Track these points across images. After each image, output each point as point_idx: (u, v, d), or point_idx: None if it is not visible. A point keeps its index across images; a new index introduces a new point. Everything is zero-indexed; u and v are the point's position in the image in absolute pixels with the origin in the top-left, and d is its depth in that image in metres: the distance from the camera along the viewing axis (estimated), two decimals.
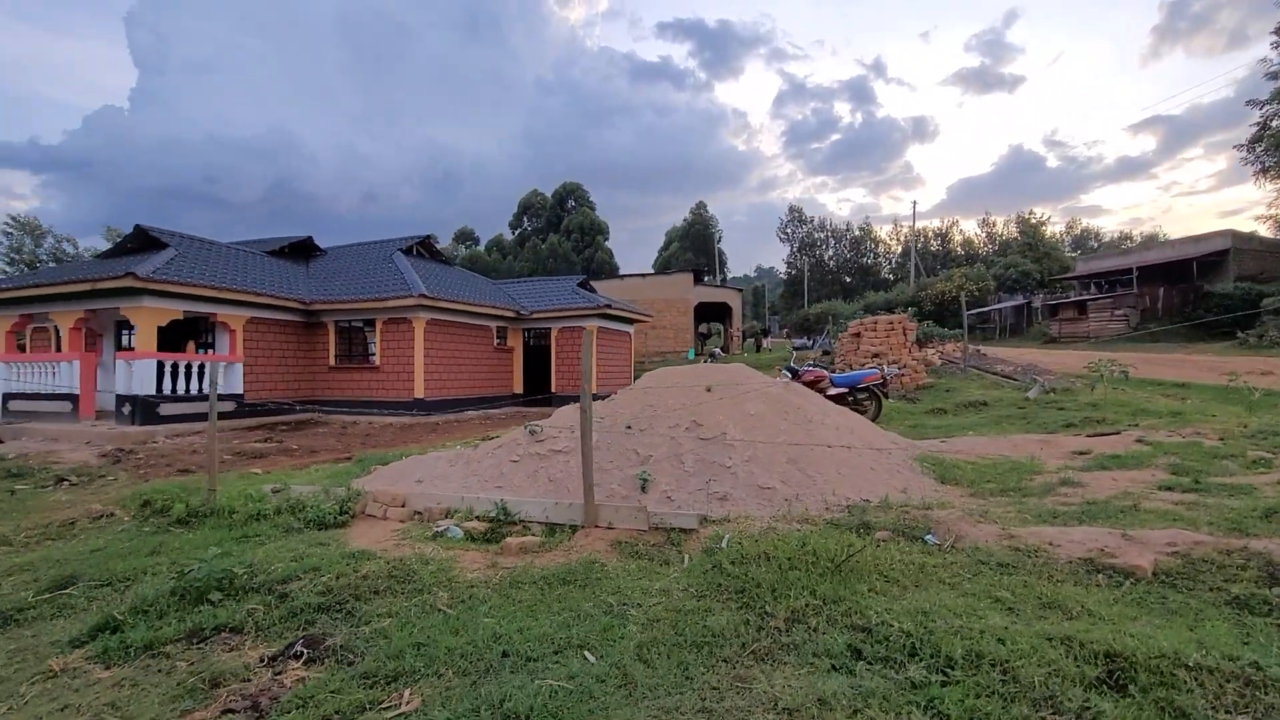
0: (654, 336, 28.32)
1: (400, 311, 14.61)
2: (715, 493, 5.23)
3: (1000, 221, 74.27)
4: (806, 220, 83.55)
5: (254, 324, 14.28)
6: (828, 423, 6.44)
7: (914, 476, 6.02)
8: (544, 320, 17.97)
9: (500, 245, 75.96)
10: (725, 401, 6.36)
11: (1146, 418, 8.42)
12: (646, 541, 4.57)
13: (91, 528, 5.92)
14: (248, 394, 14.15)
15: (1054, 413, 9.27)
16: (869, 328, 13.20)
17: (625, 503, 5.33)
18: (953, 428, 9.11)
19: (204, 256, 14.23)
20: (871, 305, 50.70)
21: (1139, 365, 16.78)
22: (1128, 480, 5.60)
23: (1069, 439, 7.32)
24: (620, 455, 5.87)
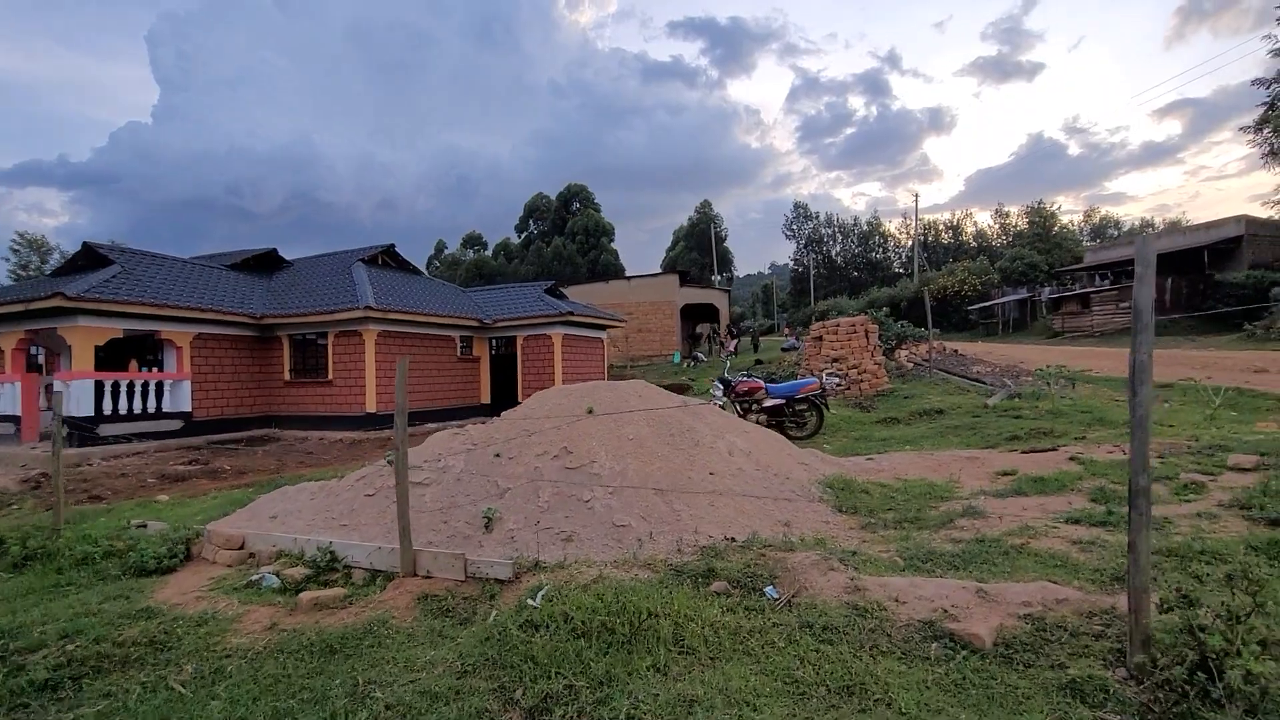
0: (639, 340, 27.79)
1: (350, 324, 14.26)
2: (561, 532, 4.70)
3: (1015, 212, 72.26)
4: (812, 216, 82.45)
5: (202, 340, 14.01)
6: (719, 446, 5.88)
7: (806, 506, 5.44)
8: (508, 329, 17.53)
9: (507, 249, 75.98)
10: (605, 425, 5.83)
11: (1101, 428, 7.74)
12: (461, 594, 4.07)
13: None
14: (196, 411, 13.88)
15: (1008, 422, 8.59)
16: (830, 330, 12.55)
17: (466, 543, 4.84)
18: (894, 441, 8.48)
19: (151, 273, 13.99)
20: (876, 301, 49.59)
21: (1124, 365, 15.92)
22: (1037, 509, 4.98)
23: (1002, 456, 6.67)
24: (479, 487, 5.37)
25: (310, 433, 14.50)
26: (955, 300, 37.85)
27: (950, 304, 38.04)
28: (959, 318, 37.61)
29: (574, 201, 74.64)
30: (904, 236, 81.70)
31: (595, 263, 68.19)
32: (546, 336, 17.23)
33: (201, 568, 5.05)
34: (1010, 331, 33.36)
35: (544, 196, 76.97)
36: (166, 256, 15.45)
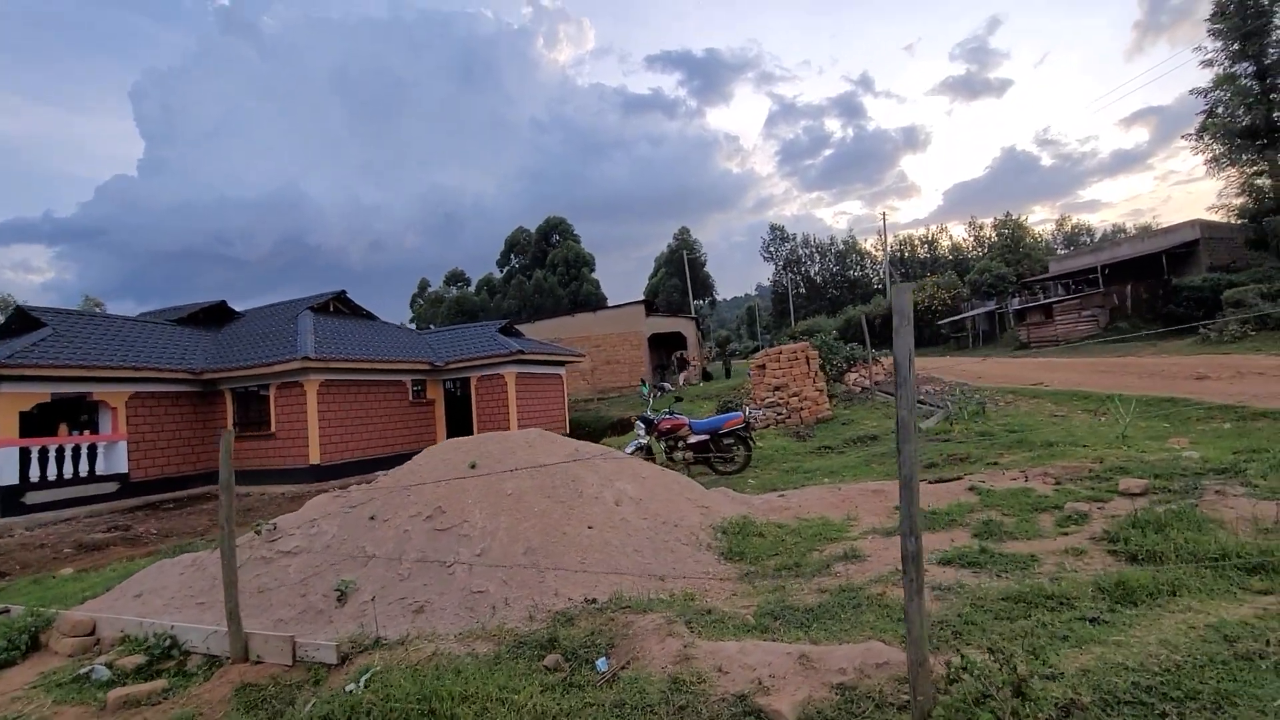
0: (608, 372, 27.63)
1: (291, 375, 14.02)
2: (414, 603, 4.47)
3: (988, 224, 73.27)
4: (790, 238, 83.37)
5: (139, 399, 13.71)
6: (605, 496, 5.68)
7: (691, 555, 5.24)
8: (461, 370, 17.34)
9: (490, 284, 76.11)
10: (486, 481, 5.63)
11: (1020, 450, 7.60)
12: (285, 681, 3.82)
13: None
14: (134, 472, 13.51)
15: (932, 447, 8.45)
16: (773, 358, 12.45)
17: (318, 619, 4.59)
18: (819, 472, 8.31)
19: (85, 333, 13.75)
20: (852, 319, 49.89)
21: (1083, 373, 15.90)
22: None
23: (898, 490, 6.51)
24: (344, 554, 5.14)
25: (253, 488, 14.15)
26: (926, 315, 38.06)
27: (921, 319, 38.21)
28: (931, 332, 37.79)
29: (554, 234, 75.04)
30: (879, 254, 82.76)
31: (577, 293, 68.34)
32: (500, 376, 17.04)
33: (42, 659, 4.76)
34: (980, 345, 33.49)
35: (524, 230, 77.38)
36: (104, 315, 15.27)
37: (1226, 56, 21.13)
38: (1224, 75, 21.40)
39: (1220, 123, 21.23)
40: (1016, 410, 11.44)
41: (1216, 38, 21.06)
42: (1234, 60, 21.04)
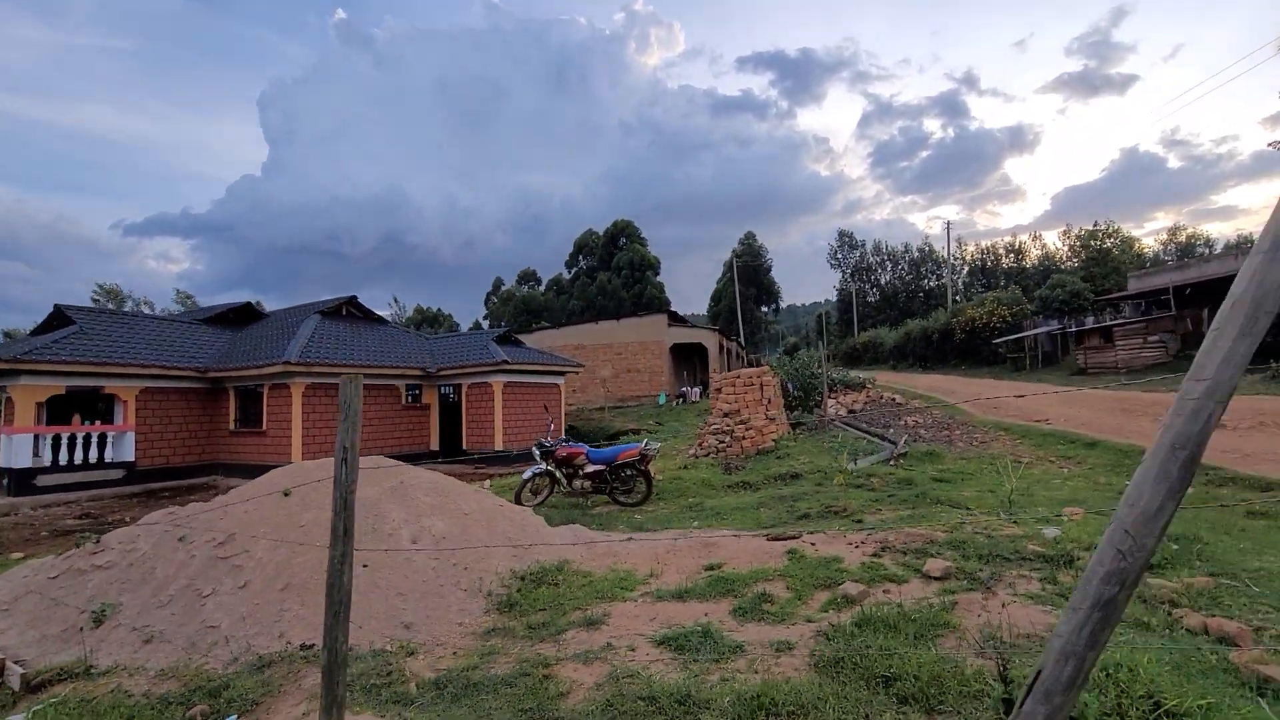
0: (628, 380, 27.56)
1: (279, 377, 14.84)
2: (150, 632, 4.59)
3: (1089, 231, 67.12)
4: (858, 245, 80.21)
5: (149, 393, 14.93)
6: (403, 533, 5.64)
7: (461, 603, 5.11)
8: (453, 377, 17.78)
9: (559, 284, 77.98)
10: (290, 508, 5.72)
11: (904, 507, 6.95)
12: None
13: None
14: (141, 461, 14.72)
15: (827, 493, 7.86)
16: (729, 383, 11.97)
17: (74, 639, 4.81)
18: (711, 512, 7.92)
19: (107, 331, 15.10)
20: (911, 333, 47.37)
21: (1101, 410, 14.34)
22: (664, 620, 4.47)
23: (748, 541, 6.08)
24: (138, 575, 5.35)
25: (245, 481, 15.06)
26: (983, 333, 35.55)
27: (979, 336, 35.75)
28: (988, 352, 35.23)
29: (621, 237, 75.81)
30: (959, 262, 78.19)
31: (640, 296, 68.78)
32: (487, 385, 17.35)
33: None
34: (1039, 367, 30.86)
35: (593, 233, 78.67)
36: (129, 314, 16.70)
37: None
38: None
39: None
40: (981, 452, 10.50)
41: None
42: None
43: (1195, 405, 1.03)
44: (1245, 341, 1.02)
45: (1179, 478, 1.05)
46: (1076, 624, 1.10)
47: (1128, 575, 1.06)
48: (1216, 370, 1.04)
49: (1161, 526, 1.06)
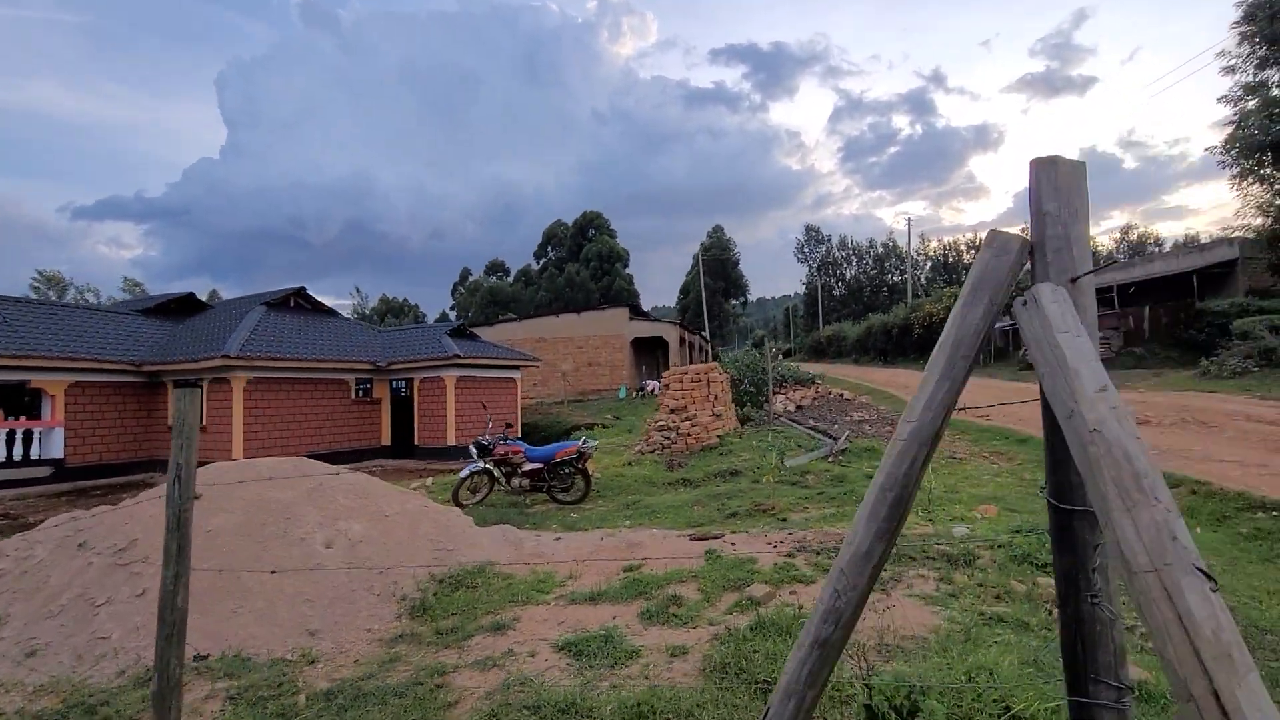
0: (589, 374, 27.48)
1: (220, 371, 14.39)
2: (34, 644, 4.40)
3: None
4: (824, 239, 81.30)
5: (79, 388, 14.33)
6: (317, 537, 5.51)
7: (372, 608, 5.02)
8: (404, 371, 17.48)
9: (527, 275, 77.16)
10: (200, 511, 5.53)
11: (830, 505, 7.06)
12: None
13: None
14: (70, 458, 14.15)
15: (759, 491, 7.95)
16: (677, 379, 12.01)
17: None
18: (646, 509, 7.95)
19: (30, 322, 14.43)
20: (872, 327, 48.23)
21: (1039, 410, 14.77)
22: (574, 623, 4.46)
23: (671, 542, 6.12)
24: (33, 583, 5.13)
25: None
26: (940, 328, 36.30)
27: (936, 331, 36.55)
28: None
29: (590, 228, 75.38)
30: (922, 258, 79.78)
31: (609, 288, 68.52)
32: (440, 379, 17.10)
33: None
34: (991, 361, 31.73)
35: (562, 224, 78.04)
36: (54, 304, 16.01)
37: (1252, 61, 19.19)
38: (1254, 83, 19.46)
39: (1246, 134, 19.31)
40: None
41: (1243, 41, 19.15)
42: (1260, 66, 19.08)
43: (903, 447, 1.04)
44: (945, 385, 1.03)
45: (887, 518, 1.05)
46: (799, 662, 1.11)
47: (843, 614, 1.06)
48: (920, 413, 1.05)
49: (873, 567, 1.07)
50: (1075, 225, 1.08)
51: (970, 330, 1.04)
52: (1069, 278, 1.08)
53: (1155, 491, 0.78)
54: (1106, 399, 0.90)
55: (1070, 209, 1.08)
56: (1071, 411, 0.92)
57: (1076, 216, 1.09)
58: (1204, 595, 0.68)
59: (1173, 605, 0.69)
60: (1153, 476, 0.80)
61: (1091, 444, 0.86)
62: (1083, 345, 0.94)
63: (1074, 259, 1.09)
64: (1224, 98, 20.56)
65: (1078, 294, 1.09)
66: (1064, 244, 1.09)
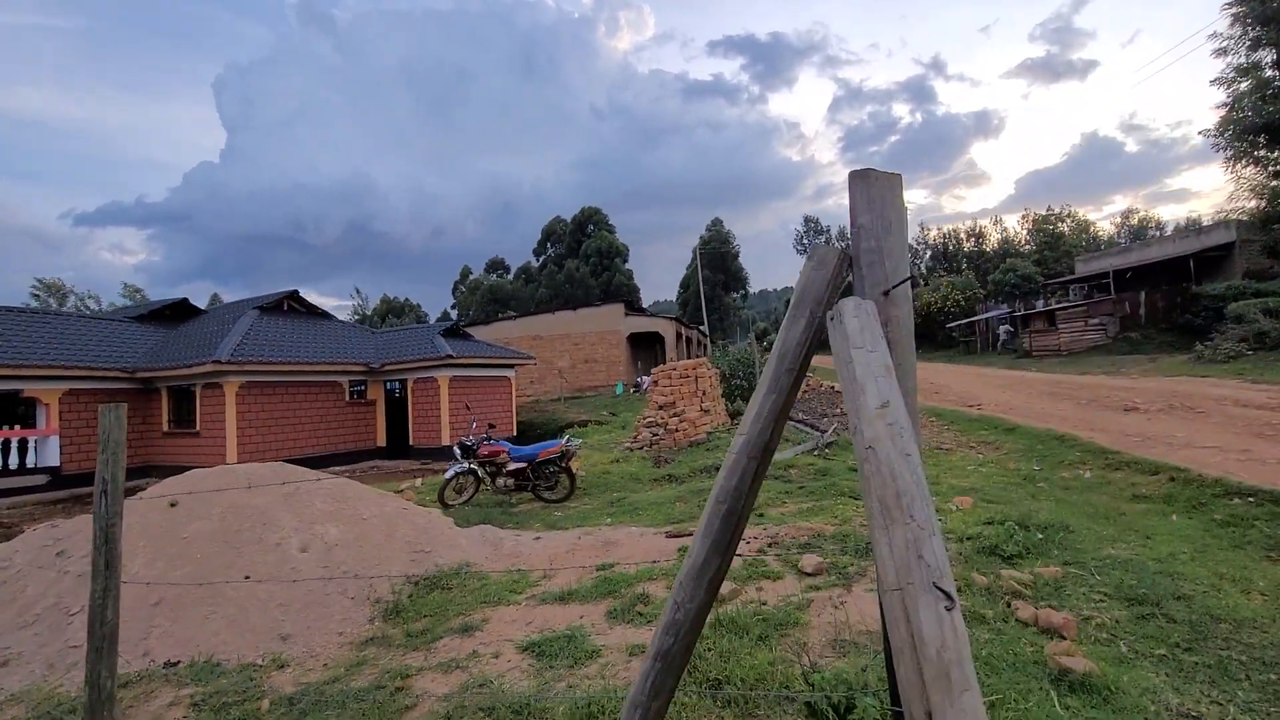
0: (586, 370, 27.50)
1: (211, 376, 14.46)
2: (5, 654, 4.46)
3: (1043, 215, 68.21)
4: (823, 230, 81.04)
5: (73, 395, 14.41)
6: (293, 541, 5.55)
7: (346, 612, 5.05)
8: (398, 372, 17.53)
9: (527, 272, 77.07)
10: (171, 520, 5.58)
11: (808, 499, 7.07)
12: None
13: None
14: (66, 465, 14.24)
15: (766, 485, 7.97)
16: (665, 374, 12.02)
17: None
18: (629, 506, 7.98)
19: (26, 331, 14.51)
20: None
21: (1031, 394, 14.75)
22: (540, 623, 4.49)
23: (647, 540, 6.14)
24: (9, 592, 5.19)
25: None
26: (939, 317, 36.26)
27: (934, 320, 36.45)
28: (943, 336, 35.99)
29: (589, 224, 75.22)
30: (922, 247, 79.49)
31: (608, 284, 68.45)
32: (433, 380, 17.15)
33: None
34: (991, 350, 31.66)
35: (561, 220, 77.90)
36: (46, 312, 16.10)
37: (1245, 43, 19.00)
38: (1247, 65, 19.29)
39: (1240, 117, 19.15)
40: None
41: (1235, 23, 18.96)
42: (1253, 48, 18.90)
43: (733, 460, 1.05)
44: (772, 397, 1.03)
45: (721, 530, 1.06)
46: (643, 674, 1.12)
47: (682, 627, 1.07)
48: (749, 425, 1.06)
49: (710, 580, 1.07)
50: (888, 238, 1.09)
51: (793, 344, 1.04)
52: (881, 290, 1.08)
53: (912, 510, 0.78)
54: (885, 416, 0.90)
55: (884, 221, 1.08)
56: (856, 427, 0.93)
57: (890, 229, 1.09)
58: (937, 615, 0.69)
59: (909, 625, 0.70)
60: (915, 494, 0.80)
61: (866, 461, 0.86)
62: (874, 361, 0.94)
63: (886, 271, 1.09)
64: (1217, 80, 20.42)
65: (890, 306, 1.09)
66: (877, 257, 1.09)
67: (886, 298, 1.07)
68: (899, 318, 1.10)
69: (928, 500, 0.83)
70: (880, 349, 0.96)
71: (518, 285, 77.44)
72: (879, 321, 1.01)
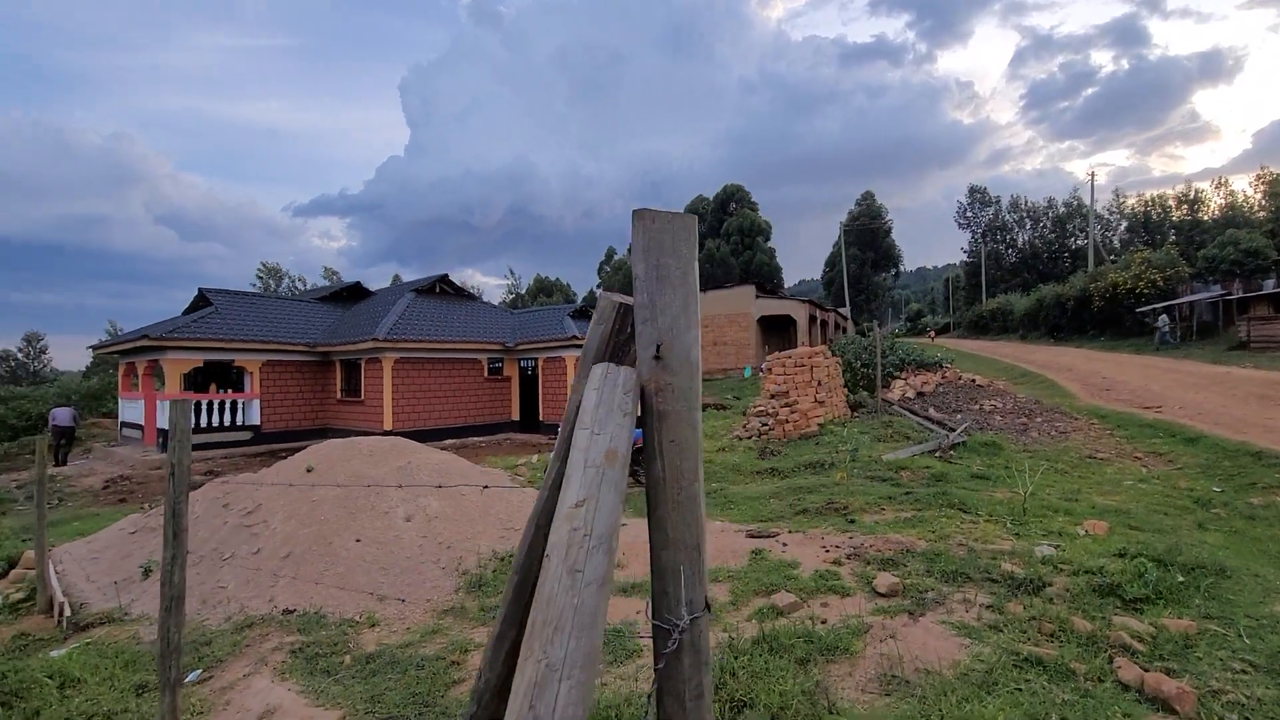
0: (715, 354, 27.30)
1: (372, 352, 16.31)
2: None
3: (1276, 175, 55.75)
4: (992, 201, 72.73)
5: (271, 365, 17.01)
6: (398, 512, 6.15)
7: (436, 580, 5.53)
8: (529, 351, 18.57)
9: None
10: (306, 483, 6.41)
11: (913, 507, 6.48)
12: (46, 636, 5.00)
13: None
14: (265, 425, 16.89)
15: (852, 487, 7.48)
16: (779, 363, 11.54)
17: (130, 588, 5.76)
18: (723, 499, 7.87)
19: (238, 311, 17.31)
20: (1044, 300, 42.59)
21: (1238, 396, 12.22)
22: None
23: (729, 537, 6.00)
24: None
25: None
26: (1127, 299, 31.15)
27: (1122, 304, 31.39)
28: (1133, 321, 30.87)
29: (731, 202, 74.30)
30: (1115, 217, 68.91)
31: (749, 263, 67.42)
32: (560, 359, 17.98)
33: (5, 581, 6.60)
34: (1194, 339, 26.60)
35: (703, 199, 77.59)
36: (256, 295, 18.97)
37: None
38: None
39: None
40: (1054, 445, 9.49)
41: None
42: None
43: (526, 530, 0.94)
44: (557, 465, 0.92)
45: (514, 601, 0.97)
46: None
47: (484, 695, 1.00)
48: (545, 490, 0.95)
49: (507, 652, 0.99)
50: (664, 291, 0.90)
51: (590, 405, 0.92)
52: (652, 353, 0.91)
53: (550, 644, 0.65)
54: (575, 518, 0.76)
55: (659, 271, 0.90)
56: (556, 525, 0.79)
57: (668, 281, 0.91)
58: None
59: None
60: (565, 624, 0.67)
61: (542, 566, 0.73)
62: (595, 446, 0.80)
63: (659, 330, 0.91)
64: None
65: (664, 373, 0.92)
66: (649, 313, 0.91)
67: (659, 361, 0.92)
68: (676, 386, 0.94)
69: (588, 631, 0.70)
70: (610, 432, 0.82)
71: None
72: (634, 393, 0.87)
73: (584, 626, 0.69)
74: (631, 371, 0.93)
